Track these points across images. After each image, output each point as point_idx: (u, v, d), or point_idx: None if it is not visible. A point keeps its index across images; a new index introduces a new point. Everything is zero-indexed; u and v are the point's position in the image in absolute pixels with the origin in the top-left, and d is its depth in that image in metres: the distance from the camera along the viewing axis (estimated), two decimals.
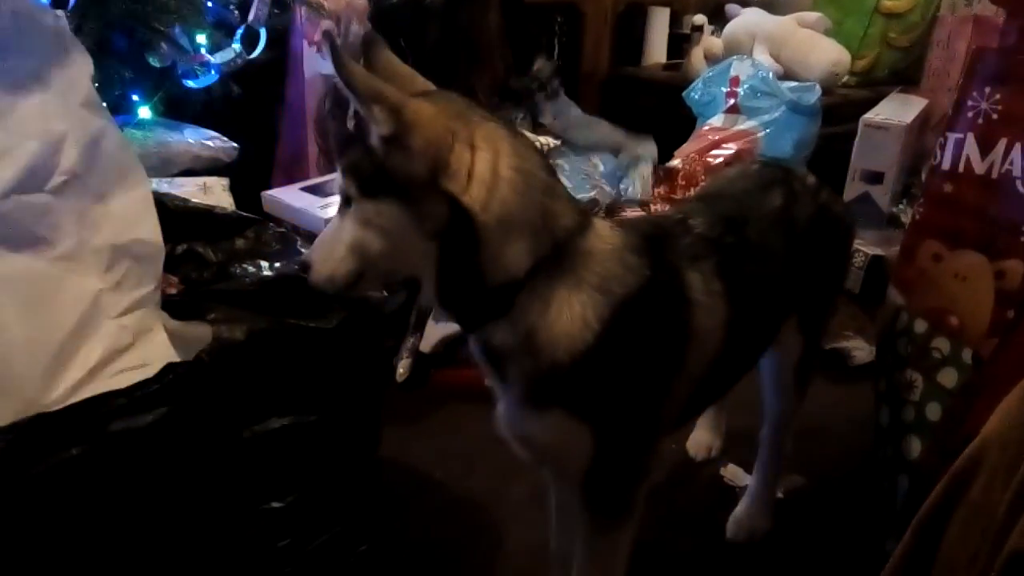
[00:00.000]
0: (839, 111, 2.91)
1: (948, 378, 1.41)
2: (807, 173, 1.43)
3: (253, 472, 1.14)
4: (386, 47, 1.02)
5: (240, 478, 1.12)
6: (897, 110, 2.73)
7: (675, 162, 2.72)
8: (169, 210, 1.37)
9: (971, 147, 1.42)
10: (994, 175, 1.39)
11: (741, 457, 1.77)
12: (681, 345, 1.07)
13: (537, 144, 2.28)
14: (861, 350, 2.24)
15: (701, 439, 1.87)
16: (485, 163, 0.93)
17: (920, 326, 1.49)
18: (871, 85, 3.20)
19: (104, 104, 1.24)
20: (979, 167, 1.42)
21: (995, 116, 1.40)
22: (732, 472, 1.79)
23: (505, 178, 0.94)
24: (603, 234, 1.02)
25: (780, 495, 1.66)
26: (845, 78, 3.11)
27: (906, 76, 3.27)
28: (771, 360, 1.50)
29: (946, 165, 1.47)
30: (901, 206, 2.66)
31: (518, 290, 0.96)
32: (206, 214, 1.51)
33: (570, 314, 0.97)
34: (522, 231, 0.95)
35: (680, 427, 1.38)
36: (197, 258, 1.46)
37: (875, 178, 2.63)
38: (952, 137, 1.46)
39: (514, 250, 0.95)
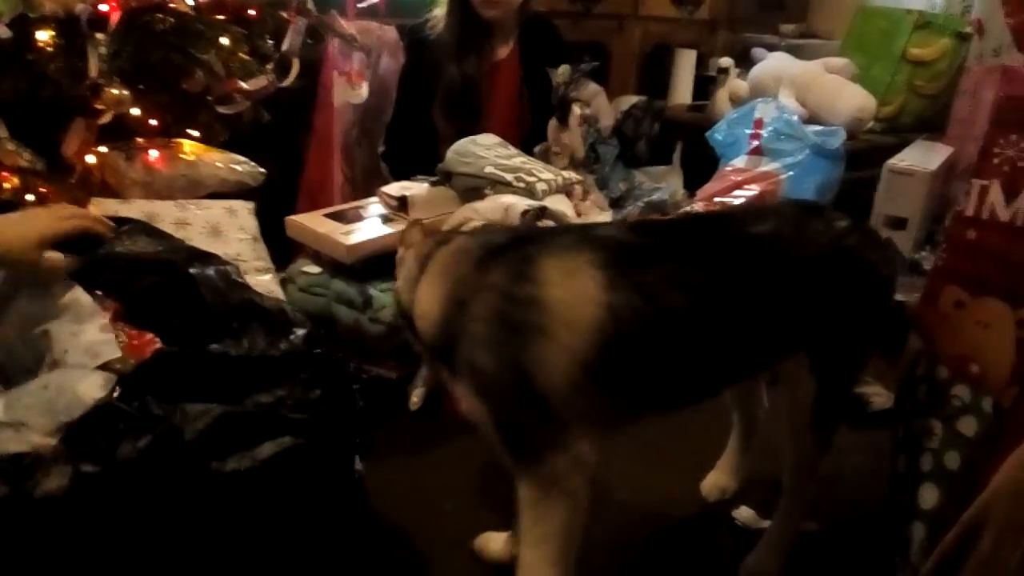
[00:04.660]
0: (864, 156, 2.91)
1: (968, 426, 1.39)
2: (840, 217, 1.41)
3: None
4: None
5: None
6: (922, 157, 2.73)
7: (697, 203, 2.72)
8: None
9: (996, 194, 1.42)
10: (1019, 223, 1.39)
11: (757, 500, 1.74)
12: (534, 319, 1.17)
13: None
14: (880, 396, 2.20)
15: (716, 481, 1.85)
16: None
17: (941, 373, 1.47)
18: (897, 132, 3.20)
19: None
20: (1004, 214, 1.41)
21: (1021, 164, 1.40)
22: (744, 515, 1.76)
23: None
24: (455, 242, 1.33)
25: None
26: (870, 124, 3.11)
27: (932, 124, 3.28)
28: (782, 400, 1.50)
29: (970, 211, 1.46)
30: (923, 253, 2.64)
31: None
32: None
33: (426, 299, 1.28)
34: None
35: (629, 422, 1.33)
36: None
37: (898, 224, 2.62)
38: (977, 184, 1.46)
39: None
